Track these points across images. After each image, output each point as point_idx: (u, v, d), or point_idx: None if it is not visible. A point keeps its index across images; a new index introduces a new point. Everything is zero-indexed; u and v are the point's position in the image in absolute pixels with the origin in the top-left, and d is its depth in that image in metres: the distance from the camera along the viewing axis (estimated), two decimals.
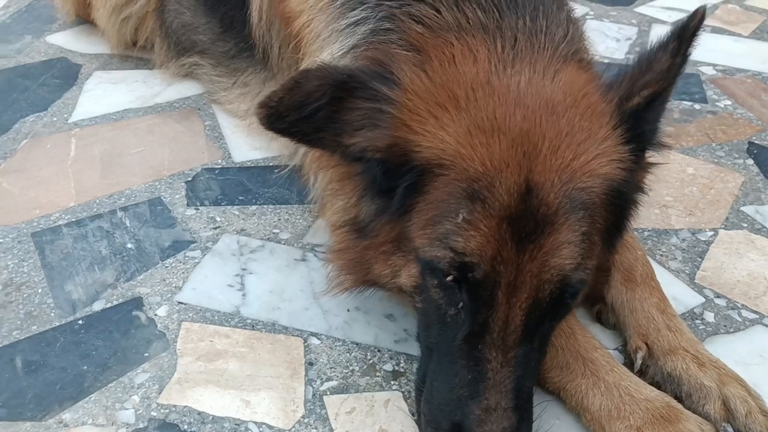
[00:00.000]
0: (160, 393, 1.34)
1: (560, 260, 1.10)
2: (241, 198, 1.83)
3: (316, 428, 1.29)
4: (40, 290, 1.55)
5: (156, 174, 1.91)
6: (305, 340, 1.46)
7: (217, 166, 1.95)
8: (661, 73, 1.19)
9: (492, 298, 1.10)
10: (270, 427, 1.29)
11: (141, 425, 1.28)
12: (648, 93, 1.19)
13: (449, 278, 1.11)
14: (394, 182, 1.19)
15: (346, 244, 1.32)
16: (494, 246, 1.08)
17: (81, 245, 1.67)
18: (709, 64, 2.51)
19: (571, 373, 1.29)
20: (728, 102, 2.30)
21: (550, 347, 1.27)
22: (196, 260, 1.64)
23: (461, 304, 1.13)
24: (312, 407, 1.32)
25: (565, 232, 1.10)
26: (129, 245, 1.68)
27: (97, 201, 1.81)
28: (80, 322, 1.48)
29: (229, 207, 1.80)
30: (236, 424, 1.29)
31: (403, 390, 1.36)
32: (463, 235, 1.09)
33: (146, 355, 1.42)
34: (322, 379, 1.38)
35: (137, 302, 1.53)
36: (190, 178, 1.90)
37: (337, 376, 1.38)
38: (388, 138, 1.16)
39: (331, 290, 1.37)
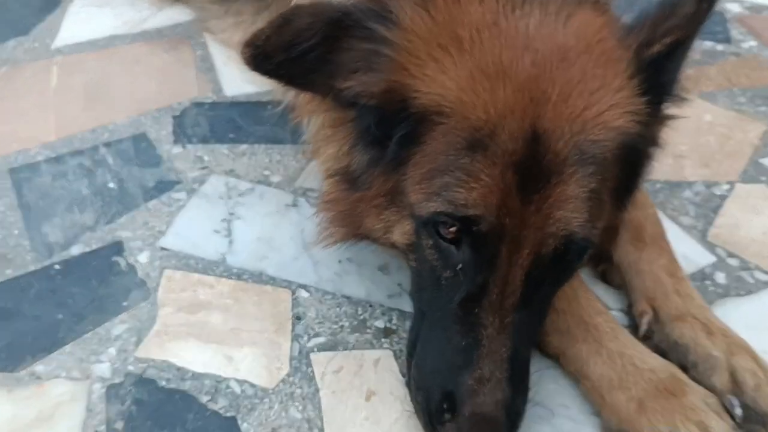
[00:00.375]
0: (138, 346, 1.28)
1: (566, 213, 1.01)
2: (231, 136, 1.73)
3: (300, 388, 1.23)
4: (16, 231, 1.48)
5: (142, 108, 1.80)
6: (293, 293, 1.38)
7: (207, 101, 1.84)
8: (685, 19, 1.07)
9: (495, 255, 1.01)
10: (252, 385, 1.23)
11: (117, 380, 1.23)
12: (670, 40, 1.08)
13: (452, 229, 1.03)
14: (388, 131, 1.09)
15: (337, 195, 1.23)
16: (498, 196, 0.99)
17: (60, 184, 1.58)
18: (735, 0, 2.35)
19: (572, 339, 1.21)
20: (753, 43, 2.16)
21: (552, 310, 1.19)
22: (181, 203, 1.55)
23: (459, 265, 1.05)
24: (298, 365, 1.26)
25: (572, 186, 1.01)
26: (111, 185, 1.59)
27: (79, 136, 1.71)
28: (57, 267, 1.41)
29: (218, 146, 1.70)
30: (217, 381, 1.23)
31: (394, 348, 1.29)
32: (464, 187, 1.00)
33: (125, 304, 1.35)
34: (309, 335, 1.31)
35: (117, 247, 1.45)
36: (177, 113, 1.79)
37: (326, 332, 1.32)
38: (383, 83, 1.05)
39: (321, 242, 1.29)
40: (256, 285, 1.39)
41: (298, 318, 1.34)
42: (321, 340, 1.30)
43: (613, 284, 1.40)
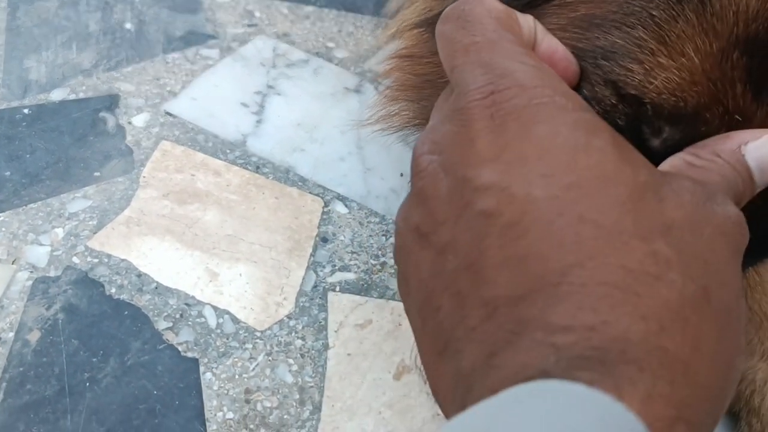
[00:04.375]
0: (94, 233, 0.90)
1: None
2: None
3: (303, 338, 0.83)
4: None
5: None
6: (326, 204, 0.98)
7: None
8: None
9: None
10: (235, 320, 0.84)
11: (52, 272, 0.86)
12: None
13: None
14: None
15: (417, 50, 0.79)
16: (709, 88, 0.53)
17: (66, 13, 1.22)
18: None
19: None
20: None
21: (754, 313, 0.73)
22: (210, 62, 1.16)
23: None
24: (307, 305, 0.86)
25: None
26: (128, 25, 1.21)
27: None
28: (26, 111, 1.05)
29: (277, 2, 1.29)
30: (187, 304, 0.84)
31: None
32: (650, 58, 0.55)
33: (97, 174, 0.97)
34: (334, 266, 0.90)
35: (111, 100, 1.08)
36: None
37: (359, 267, 0.91)
38: None
39: (376, 125, 0.86)
40: (277, 184, 0.99)
41: (324, 240, 0.93)
42: (350, 276, 0.90)
43: None
